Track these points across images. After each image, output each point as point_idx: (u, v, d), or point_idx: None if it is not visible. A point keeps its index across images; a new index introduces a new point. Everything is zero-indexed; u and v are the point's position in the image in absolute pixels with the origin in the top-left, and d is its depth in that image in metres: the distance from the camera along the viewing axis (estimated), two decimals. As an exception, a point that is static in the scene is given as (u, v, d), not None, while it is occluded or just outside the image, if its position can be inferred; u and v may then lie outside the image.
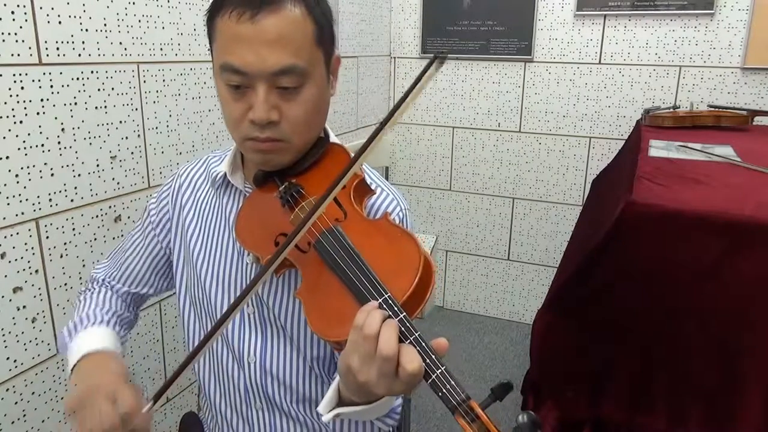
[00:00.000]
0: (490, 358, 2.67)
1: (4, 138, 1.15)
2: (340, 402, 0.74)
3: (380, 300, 0.66)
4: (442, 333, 2.88)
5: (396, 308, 0.65)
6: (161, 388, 0.76)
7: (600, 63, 2.59)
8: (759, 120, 2.27)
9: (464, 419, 0.59)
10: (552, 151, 2.76)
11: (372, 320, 0.63)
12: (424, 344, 0.63)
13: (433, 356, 0.62)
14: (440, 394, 0.61)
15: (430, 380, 0.62)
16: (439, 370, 0.62)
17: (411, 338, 0.63)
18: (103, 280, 1.07)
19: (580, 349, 1.38)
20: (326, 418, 0.73)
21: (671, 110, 2.29)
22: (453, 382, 0.61)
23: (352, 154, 0.86)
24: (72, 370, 0.89)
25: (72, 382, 0.87)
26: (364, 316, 0.64)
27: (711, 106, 2.35)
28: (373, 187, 0.88)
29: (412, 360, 0.61)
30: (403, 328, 0.64)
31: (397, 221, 0.87)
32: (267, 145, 0.83)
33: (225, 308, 0.92)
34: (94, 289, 1.06)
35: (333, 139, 0.94)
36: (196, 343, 0.99)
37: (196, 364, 1.00)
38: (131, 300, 1.08)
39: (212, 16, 0.82)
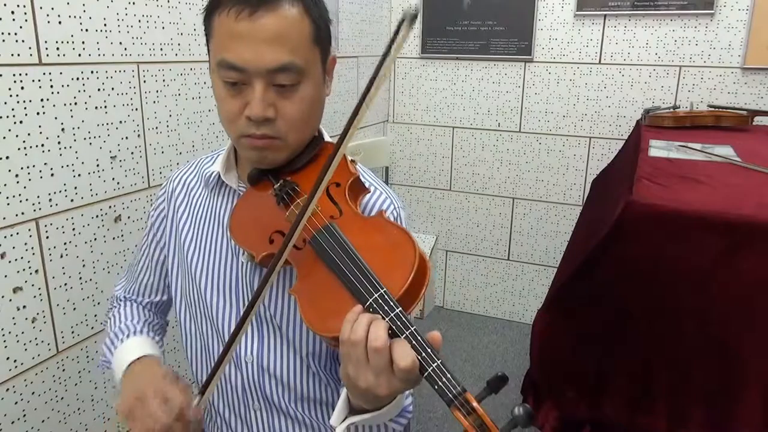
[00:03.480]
0: (490, 358, 2.67)
1: (4, 138, 1.15)
2: (352, 411, 0.75)
3: (376, 295, 0.66)
4: (442, 333, 2.87)
5: (391, 303, 0.65)
6: (205, 382, 0.79)
7: (600, 63, 2.59)
8: (759, 120, 2.27)
9: (460, 412, 0.60)
10: (552, 151, 2.76)
11: (358, 326, 0.64)
12: (419, 338, 0.64)
13: (429, 350, 0.63)
14: (436, 387, 0.61)
15: (426, 374, 0.62)
16: (435, 364, 0.62)
17: (407, 332, 0.64)
18: (125, 297, 1.10)
19: (580, 349, 1.38)
20: (339, 429, 0.74)
21: (671, 110, 2.29)
22: (449, 375, 0.61)
23: (349, 157, 0.87)
24: (121, 382, 0.93)
25: (122, 392, 0.90)
26: (348, 327, 0.65)
27: (711, 106, 2.35)
28: (366, 185, 0.88)
29: (404, 356, 0.62)
30: (399, 323, 0.64)
31: (392, 219, 0.87)
32: (262, 142, 0.83)
33: (220, 308, 0.93)
34: (119, 305, 1.10)
35: (327, 138, 0.94)
36: (195, 345, 0.99)
37: (194, 365, 1.00)
38: (155, 309, 1.12)
39: (210, 13, 0.83)
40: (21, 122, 1.17)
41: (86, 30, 1.28)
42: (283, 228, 0.82)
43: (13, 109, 1.15)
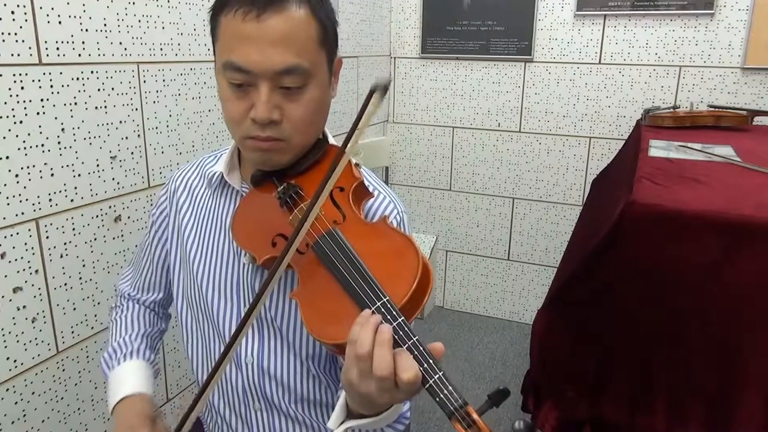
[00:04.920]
0: (490, 358, 2.67)
1: (4, 138, 1.15)
2: (350, 415, 0.74)
3: (378, 303, 0.66)
4: (442, 333, 2.88)
5: (394, 312, 0.65)
6: (180, 421, 0.79)
7: (600, 63, 2.59)
8: (759, 120, 2.27)
9: (461, 425, 0.59)
10: (552, 151, 2.76)
11: (364, 337, 0.63)
12: (421, 348, 0.63)
13: (431, 361, 0.62)
14: (437, 399, 0.61)
15: (427, 385, 0.62)
16: (437, 375, 0.61)
17: (409, 342, 0.63)
18: (129, 294, 1.11)
19: (580, 349, 1.38)
20: None
21: (671, 110, 2.29)
22: (450, 388, 0.61)
23: (353, 160, 0.86)
24: (112, 412, 0.96)
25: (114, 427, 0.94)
26: (358, 329, 0.64)
27: (711, 106, 2.35)
28: (370, 189, 0.88)
29: (407, 369, 0.61)
30: (401, 332, 0.64)
31: (395, 224, 0.87)
32: (267, 144, 0.83)
33: (221, 309, 0.93)
34: (123, 305, 1.10)
35: (331, 141, 0.94)
36: (195, 344, 0.99)
37: (195, 366, 1.00)
38: (158, 306, 1.12)
39: (216, 14, 0.82)
40: (21, 122, 1.17)
41: (86, 30, 1.28)
42: (286, 231, 0.81)
43: (13, 109, 1.15)
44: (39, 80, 1.20)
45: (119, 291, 1.13)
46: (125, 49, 1.38)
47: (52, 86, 1.22)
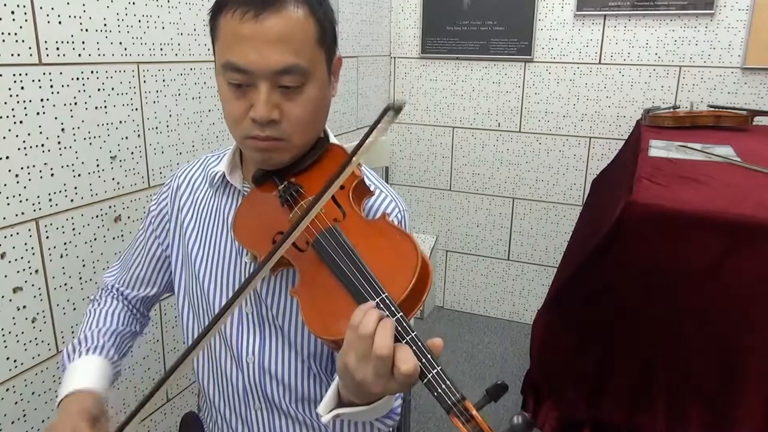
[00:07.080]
0: (490, 358, 2.67)
1: (4, 138, 1.15)
2: (340, 403, 0.75)
3: (377, 299, 0.66)
4: (442, 333, 2.88)
5: (393, 308, 0.65)
6: (177, 359, 0.74)
7: (600, 63, 2.59)
8: (759, 120, 2.27)
9: (459, 419, 0.60)
10: (552, 151, 2.76)
11: (368, 320, 0.64)
12: (420, 344, 0.64)
13: (429, 356, 0.63)
14: (435, 394, 0.61)
15: (425, 380, 0.62)
16: (435, 371, 0.62)
17: (407, 338, 0.64)
18: (113, 287, 1.09)
19: (580, 349, 1.38)
20: (325, 419, 0.74)
21: (671, 110, 2.29)
22: (448, 383, 0.61)
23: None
24: (58, 405, 0.91)
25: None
26: (360, 315, 0.65)
27: (711, 106, 2.35)
28: (371, 188, 0.88)
29: (406, 360, 0.62)
30: (399, 328, 0.64)
31: (396, 222, 0.87)
32: (267, 144, 0.83)
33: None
34: (102, 299, 1.08)
35: (332, 139, 0.94)
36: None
37: (196, 365, 1.00)
38: (141, 305, 1.11)
39: (215, 14, 0.83)
40: (21, 122, 1.17)
41: (86, 30, 1.28)
42: (287, 229, 0.82)
43: (13, 109, 1.15)
44: (39, 80, 1.20)
45: (103, 284, 1.11)
46: (125, 49, 1.38)
47: (52, 86, 1.22)
